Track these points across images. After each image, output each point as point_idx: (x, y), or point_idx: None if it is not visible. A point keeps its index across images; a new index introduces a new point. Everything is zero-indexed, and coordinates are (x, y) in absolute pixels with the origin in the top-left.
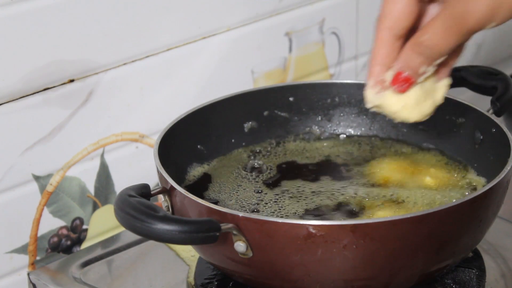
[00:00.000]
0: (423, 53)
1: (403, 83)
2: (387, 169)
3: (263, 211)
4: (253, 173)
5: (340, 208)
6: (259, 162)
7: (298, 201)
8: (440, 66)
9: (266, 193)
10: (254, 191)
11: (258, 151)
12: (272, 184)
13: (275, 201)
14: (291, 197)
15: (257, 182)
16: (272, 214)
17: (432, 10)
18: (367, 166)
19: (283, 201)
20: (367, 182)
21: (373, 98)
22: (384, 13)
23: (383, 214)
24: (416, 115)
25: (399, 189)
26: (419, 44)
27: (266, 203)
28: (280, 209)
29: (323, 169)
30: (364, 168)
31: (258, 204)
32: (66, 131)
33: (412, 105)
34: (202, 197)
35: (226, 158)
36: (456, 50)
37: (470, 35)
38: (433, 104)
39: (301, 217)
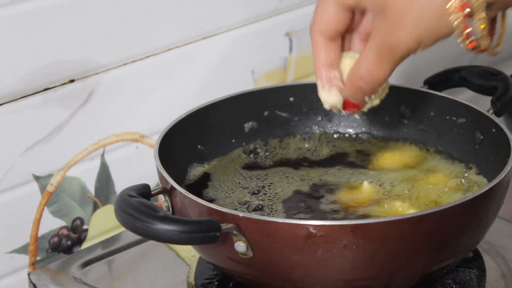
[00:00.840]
0: (364, 87)
1: (353, 108)
2: (388, 169)
3: (263, 211)
4: (254, 173)
5: (343, 205)
6: (259, 163)
7: (299, 200)
8: None
9: (266, 193)
10: (255, 191)
11: (258, 151)
12: (273, 183)
13: (276, 201)
14: (292, 195)
15: (258, 182)
16: (272, 214)
17: (369, 16)
18: (368, 165)
19: (284, 201)
20: (367, 181)
21: (327, 97)
22: (315, 18)
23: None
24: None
25: (401, 188)
26: (358, 79)
27: (266, 204)
28: (281, 208)
29: (325, 169)
30: (365, 168)
31: (258, 204)
32: (66, 131)
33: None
34: (202, 197)
35: (226, 158)
36: None
37: (402, 60)
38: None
39: (302, 218)
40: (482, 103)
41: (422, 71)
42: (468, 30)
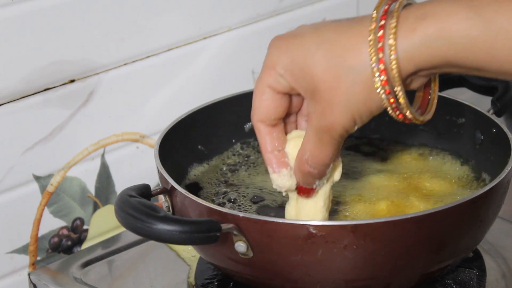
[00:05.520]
0: (311, 171)
1: (307, 193)
2: (387, 171)
3: (264, 210)
4: (254, 174)
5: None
6: (259, 162)
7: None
8: None
9: (265, 192)
10: (255, 189)
11: (258, 151)
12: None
13: (276, 200)
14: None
15: (258, 181)
16: (274, 213)
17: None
18: (368, 166)
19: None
20: (367, 181)
21: (281, 182)
22: (254, 106)
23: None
24: None
25: (400, 190)
26: (304, 164)
27: (268, 204)
28: (282, 208)
29: None
30: (365, 168)
31: (260, 203)
32: (66, 131)
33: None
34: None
35: (226, 159)
36: None
37: (343, 138)
38: (330, 183)
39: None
40: (483, 103)
41: None
42: (395, 104)
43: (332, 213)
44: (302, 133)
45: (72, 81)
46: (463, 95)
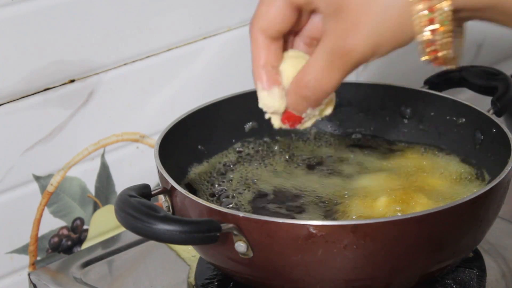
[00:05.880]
0: (309, 96)
1: (292, 121)
2: (387, 170)
3: (264, 210)
4: (253, 173)
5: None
6: (260, 162)
7: (301, 198)
8: None
9: (265, 192)
10: (256, 188)
11: (258, 150)
12: (273, 183)
13: (277, 199)
14: (295, 195)
15: (257, 180)
16: (273, 212)
17: (315, 19)
18: (369, 165)
19: (285, 199)
20: (368, 181)
21: (270, 100)
22: (258, 14)
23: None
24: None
25: (402, 189)
26: (303, 87)
27: (268, 202)
28: (282, 207)
29: (325, 169)
30: (366, 168)
31: (259, 203)
32: (66, 131)
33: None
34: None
35: (225, 158)
36: None
37: (354, 68)
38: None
39: (302, 216)
40: (483, 103)
41: (422, 71)
42: (431, 36)
43: (333, 212)
44: (300, 53)
45: (72, 81)
46: (463, 95)
